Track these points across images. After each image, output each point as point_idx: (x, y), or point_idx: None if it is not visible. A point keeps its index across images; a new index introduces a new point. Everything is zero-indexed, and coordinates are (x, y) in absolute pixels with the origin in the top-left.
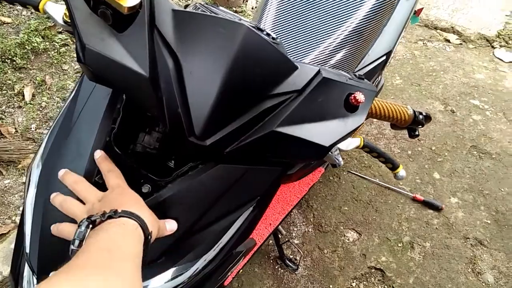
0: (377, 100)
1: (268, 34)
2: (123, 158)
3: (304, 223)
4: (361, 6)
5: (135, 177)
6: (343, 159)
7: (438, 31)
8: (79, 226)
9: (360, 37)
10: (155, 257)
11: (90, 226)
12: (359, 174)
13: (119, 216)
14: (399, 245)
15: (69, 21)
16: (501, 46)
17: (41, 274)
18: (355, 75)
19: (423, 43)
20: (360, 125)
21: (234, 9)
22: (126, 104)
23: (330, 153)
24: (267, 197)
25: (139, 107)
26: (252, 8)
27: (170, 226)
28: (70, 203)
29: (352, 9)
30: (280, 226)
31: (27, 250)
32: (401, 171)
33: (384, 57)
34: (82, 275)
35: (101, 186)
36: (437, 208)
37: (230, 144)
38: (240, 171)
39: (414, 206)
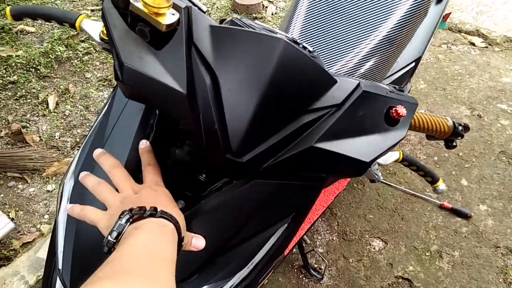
0: (417, 112)
1: (304, 47)
2: None
3: (328, 232)
4: (393, 13)
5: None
6: None
7: (463, 34)
8: (119, 217)
9: (392, 45)
10: (187, 275)
11: (130, 220)
12: (384, 181)
13: (159, 216)
14: (427, 254)
15: (106, 38)
16: None
17: None
18: (394, 87)
19: (447, 47)
20: (402, 139)
21: (254, 15)
22: (159, 119)
23: (369, 168)
24: (303, 213)
25: (175, 123)
26: (272, 14)
27: (197, 242)
28: (104, 187)
29: (384, 16)
30: (304, 235)
31: (60, 266)
32: (441, 185)
33: (413, 64)
34: (127, 281)
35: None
36: (465, 216)
37: (267, 160)
38: (275, 187)
39: (441, 214)
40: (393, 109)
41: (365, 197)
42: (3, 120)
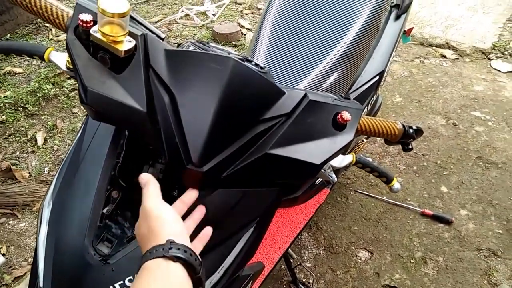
0: (366, 118)
1: (257, 65)
2: (128, 191)
3: (315, 246)
4: (348, 31)
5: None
6: (349, 179)
7: (434, 48)
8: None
9: (350, 60)
10: None
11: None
12: (366, 193)
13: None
14: (412, 261)
15: (72, 67)
16: (497, 57)
17: None
18: (341, 95)
19: (420, 61)
20: (349, 142)
21: (234, 43)
22: (129, 139)
23: (323, 170)
24: (267, 218)
25: (140, 141)
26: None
27: None
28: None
29: (340, 35)
30: (290, 250)
31: (41, 284)
32: (396, 184)
33: (377, 77)
34: None
35: (108, 217)
36: (447, 222)
37: (226, 169)
38: (238, 194)
39: (423, 221)
40: (339, 115)
41: (349, 210)
42: None
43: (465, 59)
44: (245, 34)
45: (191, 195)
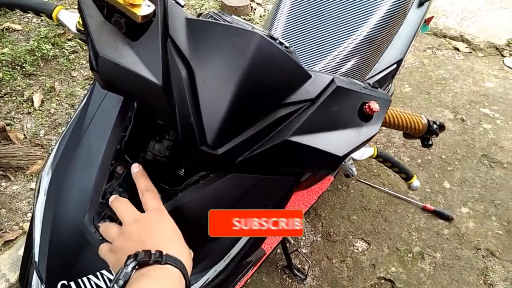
0: (391, 109)
1: (281, 43)
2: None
3: (312, 232)
4: (373, 14)
5: None
6: None
7: (447, 39)
8: (125, 265)
9: (372, 45)
10: None
11: (136, 267)
12: (368, 183)
13: (165, 263)
14: (409, 255)
15: (83, 29)
16: (511, 54)
17: (50, 283)
18: (369, 84)
19: (432, 51)
20: (375, 134)
21: (242, 17)
22: (137, 112)
23: (344, 163)
24: (279, 208)
25: (151, 115)
26: (260, 16)
27: None
28: (107, 226)
29: (364, 17)
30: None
31: (36, 259)
32: (415, 181)
33: (395, 66)
34: None
35: (111, 193)
36: (447, 218)
37: (242, 153)
38: (252, 181)
39: (424, 216)
40: (367, 104)
41: (349, 198)
42: None
43: (478, 53)
44: (255, 9)
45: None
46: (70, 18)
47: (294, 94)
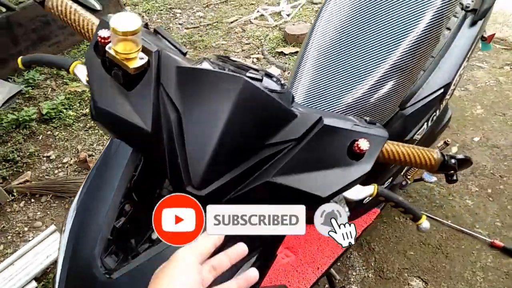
0: (395, 145)
1: (278, 80)
2: (139, 205)
3: (364, 267)
4: (401, 42)
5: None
6: (411, 197)
7: None
8: None
9: (403, 73)
10: None
11: None
12: (428, 215)
13: None
14: None
15: None
16: None
17: None
18: (365, 120)
19: (511, 68)
20: (365, 173)
21: None
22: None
23: (335, 203)
24: (270, 248)
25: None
26: None
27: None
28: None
29: (393, 45)
30: (333, 270)
31: None
32: (424, 223)
33: (442, 90)
34: None
35: (125, 231)
36: None
37: (227, 194)
38: None
39: (492, 253)
40: (356, 143)
41: (406, 231)
42: (74, 149)
43: None
44: None
45: (238, 249)
46: (83, 72)
47: (278, 134)
